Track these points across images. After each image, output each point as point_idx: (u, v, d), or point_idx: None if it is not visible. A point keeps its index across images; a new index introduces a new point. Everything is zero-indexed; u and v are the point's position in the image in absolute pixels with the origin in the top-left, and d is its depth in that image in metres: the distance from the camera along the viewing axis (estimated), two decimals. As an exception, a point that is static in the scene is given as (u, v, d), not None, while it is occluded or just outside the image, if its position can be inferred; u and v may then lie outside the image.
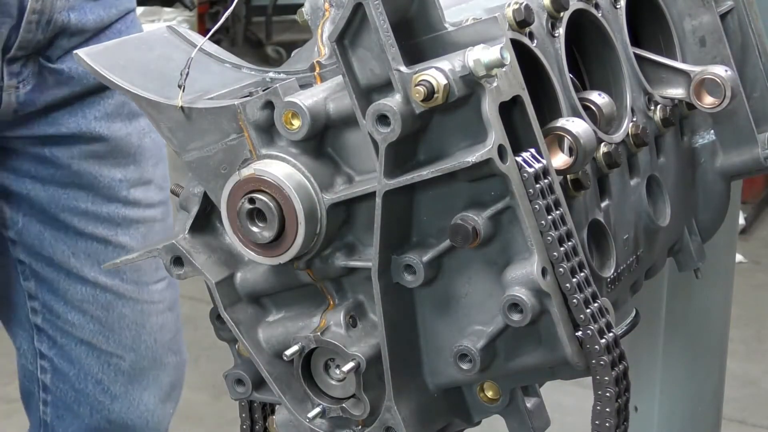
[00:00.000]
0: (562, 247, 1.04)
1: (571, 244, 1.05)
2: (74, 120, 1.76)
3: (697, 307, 1.84)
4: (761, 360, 3.70)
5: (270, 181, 1.08)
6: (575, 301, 1.04)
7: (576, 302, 1.04)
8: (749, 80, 1.37)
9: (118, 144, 1.80)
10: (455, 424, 1.17)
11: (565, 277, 1.04)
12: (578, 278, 1.05)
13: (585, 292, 1.05)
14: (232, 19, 7.18)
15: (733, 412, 3.28)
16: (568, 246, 1.05)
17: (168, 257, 1.19)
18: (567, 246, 1.05)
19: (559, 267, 1.04)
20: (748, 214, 4.66)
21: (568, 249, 1.05)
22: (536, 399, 1.16)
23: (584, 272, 1.06)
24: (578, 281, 1.05)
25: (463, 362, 1.08)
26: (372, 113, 1.02)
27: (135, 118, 1.81)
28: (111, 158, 1.80)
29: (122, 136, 1.81)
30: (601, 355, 1.05)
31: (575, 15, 1.22)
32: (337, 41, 1.03)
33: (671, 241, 1.38)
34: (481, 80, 1.00)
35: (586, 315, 1.04)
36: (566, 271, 1.04)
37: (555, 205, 1.05)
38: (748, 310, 3.83)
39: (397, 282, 1.08)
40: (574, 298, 1.04)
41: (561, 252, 1.04)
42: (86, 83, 1.74)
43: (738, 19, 1.37)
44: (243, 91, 1.18)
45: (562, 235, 1.05)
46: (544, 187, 1.04)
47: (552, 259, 1.04)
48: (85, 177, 1.79)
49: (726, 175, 1.39)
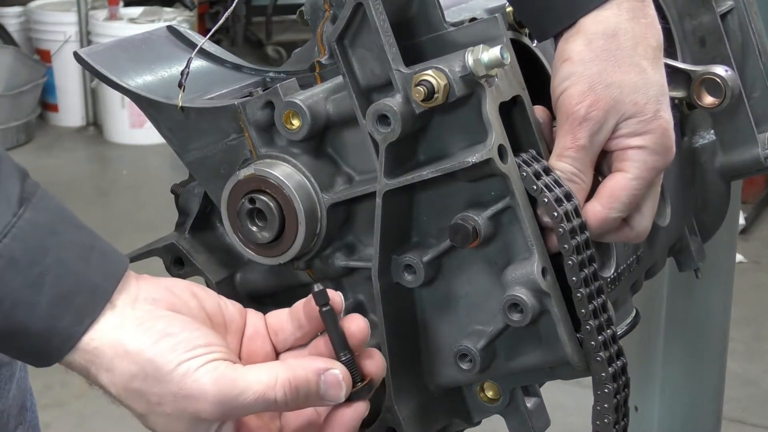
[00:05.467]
0: (573, 240, 1.04)
1: (584, 237, 1.05)
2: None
3: (697, 307, 1.84)
4: (761, 360, 3.70)
5: (270, 181, 1.08)
6: (579, 295, 1.04)
7: (580, 297, 1.04)
8: (749, 80, 1.37)
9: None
10: (455, 424, 1.17)
11: (573, 270, 1.03)
12: (586, 272, 1.05)
13: (591, 288, 1.05)
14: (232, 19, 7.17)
15: (733, 412, 3.28)
16: (580, 239, 1.05)
17: (168, 257, 1.19)
18: (579, 239, 1.05)
19: (568, 259, 1.03)
20: (748, 214, 4.66)
21: (580, 242, 1.05)
22: (536, 399, 1.16)
23: (593, 267, 1.06)
24: (586, 276, 1.04)
25: (464, 362, 1.08)
26: (372, 113, 1.02)
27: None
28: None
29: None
30: (598, 351, 1.05)
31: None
32: (337, 41, 1.03)
33: (671, 241, 1.38)
34: (481, 80, 1.00)
35: (587, 310, 1.04)
36: (575, 264, 1.03)
37: (566, 198, 1.04)
38: (748, 310, 3.83)
39: (397, 282, 1.08)
40: (579, 292, 1.04)
41: (572, 245, 1.03)
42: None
43: (738, 19, 1.37)
44: (243, 91, 1.18)
45: (575, 228, 1.04)
46: (549, 182, 1.04)
47: (563, 251, 1.04)
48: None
49: (726, 175, 1.39)
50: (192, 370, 0.91)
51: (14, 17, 6.31)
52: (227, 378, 0.91)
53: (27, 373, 1.33)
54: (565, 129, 1.07)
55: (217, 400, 0.91)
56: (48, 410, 3.27)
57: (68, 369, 0.94)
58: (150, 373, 0.91)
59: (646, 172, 1.09)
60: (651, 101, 1.08)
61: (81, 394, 3.49)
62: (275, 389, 0.92)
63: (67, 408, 3.44)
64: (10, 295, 0.88)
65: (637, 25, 1.08)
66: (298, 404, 0.94)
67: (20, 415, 1.31)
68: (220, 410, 0.91)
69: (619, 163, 1.09)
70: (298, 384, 0.93)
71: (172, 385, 0.91)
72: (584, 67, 1.07)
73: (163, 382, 0.91)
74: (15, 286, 0.89)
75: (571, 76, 1.07)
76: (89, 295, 0.91)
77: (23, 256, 0.89)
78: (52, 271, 0.90)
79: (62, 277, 0.90)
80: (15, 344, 0.91)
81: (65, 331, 0.90)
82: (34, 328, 0.89)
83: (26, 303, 0.89)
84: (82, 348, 0.91)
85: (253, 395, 0.91)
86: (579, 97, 1.06)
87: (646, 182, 1.09)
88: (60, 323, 0.90)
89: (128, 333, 0.92)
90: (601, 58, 1.07)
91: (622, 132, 1.08)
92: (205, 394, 0.90)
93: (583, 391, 1.31)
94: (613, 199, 1.08)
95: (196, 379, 0.90)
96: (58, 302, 0.90)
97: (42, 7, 6.28)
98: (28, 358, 0.93)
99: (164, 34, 1.25)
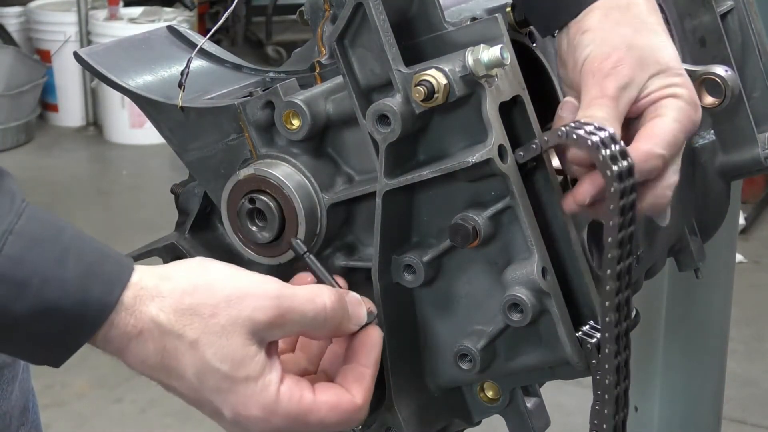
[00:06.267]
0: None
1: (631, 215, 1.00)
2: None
3: (697, 307, 1.84)
4: (761, 360, 3.70)
5: (270, 181, 1.08)
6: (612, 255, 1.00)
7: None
8: (749, 80, 1.37)
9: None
10: (455, 424, 1.17)
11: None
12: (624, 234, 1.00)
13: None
14: (232, 19, 7.18)
15: (733, 412, 3.28)
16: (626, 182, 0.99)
17: (168, 257, 1.19)
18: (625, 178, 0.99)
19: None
20: (748, 214, 4.66)
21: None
22: (536, 399, 1.16)
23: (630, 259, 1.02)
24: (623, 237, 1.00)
25: (464, 362, 1.08)
26: (372, 113, 1.02)
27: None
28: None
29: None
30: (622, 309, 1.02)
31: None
32: (337, 41, 1.03)
33: (671, 241, 1.38)
34: (481, 80, 1.00)
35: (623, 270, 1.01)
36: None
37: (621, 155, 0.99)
38: (748, 310, 3.83)
39: (398, 282, 1.08)
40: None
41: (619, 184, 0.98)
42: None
43: (738, 19, 1.37)
44: (243, 91, 1.18)
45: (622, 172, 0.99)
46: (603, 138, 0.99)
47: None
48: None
49: (726, 175, 1.39)
50: (244, 274, 0.94)
51: (14, 17, 6.31)
52: (279, 281, 0.95)
53: (29, 374, 1.33)
54: (591, 83, 1.07)
55: (274, 294, 0.93)
56: (48, 410, 3.27)
57: (104, 346, 0.92)
58: (200, 284, 0.92)
59: (683, 117, 1.07)
60: (674, 60, 1.09)
61: (81, 394, 3.49)
62: (323, 294, 0.96)
63: (67, 408, 3.44)
64: (38, 273, 0.88)
65: (648, 1, 1.11)
66: (336, 320, 0.98)
67: (23, 416, 1.31)
68: (276, 307, 0.93)
69: (655, 113, 1.07)
70: (340, 296, 0.98)
71: (226, 289, 0.92)
72: (604, 32, 1.08)
73: (215, 288, 0.92)
74: (42, 263, 0.88)
75: (592, 42, 1.08)
76: (116, 264, 0.91)
77: (43, 234, 0.89)
78: (73, 246, 0.90)
79: (84, 251, 0.90)
80: (46, 326, 0.89)
81: (99, 297, 0.89)
82: (66, 303, 0.88)
83: (55, 279, 0.88)
84: (125, 293, 0.90)
85: (305, 295, 0.95)
86: (603, 57, 1.07)
87: (684, 131, 1.07)
88: (92, 293, 0.89)
89: (169, 267, 0.94)
90: (620, 24, 1.08)
91: (651, 88, 1.07)
92: (262, 286, 0.93)
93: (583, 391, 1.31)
94: (655, 136, 1.05)
95: (250, 278, 0.93)
96: (86, 274, 0.89)
97: (42, 7, 6.28)
98: (57, 343, 0.91)
99: (164, 34, 1.25)
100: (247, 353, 0.92)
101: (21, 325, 0.88)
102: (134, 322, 0.91)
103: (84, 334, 0.90)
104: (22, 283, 0.87)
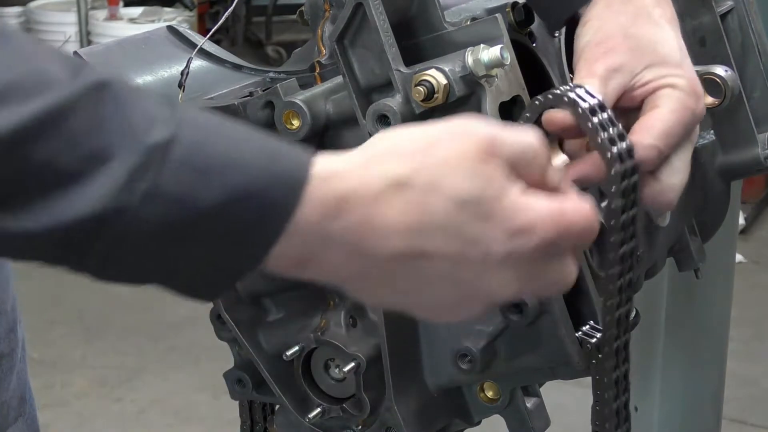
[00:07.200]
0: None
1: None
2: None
3: (697, 307, 1.84)
4: (761, 360, 3.70)
5: (270, 181, 1.08)
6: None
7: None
8: (749, 80, 1.37)
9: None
10: (455, 424, 1.17)
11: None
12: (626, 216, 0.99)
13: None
14: (232, 19, 7.17)
15: (733, 412, 3.27)
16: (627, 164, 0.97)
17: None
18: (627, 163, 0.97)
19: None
20: (748, 214, 4.66)
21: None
22: (536, 399, 1.16)
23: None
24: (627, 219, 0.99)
25: (464, 362, 1.08)
26: (372, 113, 1.02)
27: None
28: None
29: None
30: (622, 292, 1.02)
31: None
32: (337, 41, 1.03)
33: (671, 241, 1.38)
34: (481, 80, 1.00)
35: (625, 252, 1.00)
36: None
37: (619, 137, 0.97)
38: (748, 310, 3.82)
39: (397, 282, 1.08)
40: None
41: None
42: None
43: (738, 19, 1.37)
44: (243, 91, 1.18)
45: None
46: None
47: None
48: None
49: (726, 175, 1.39)
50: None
51: (14, 17, 6.30)
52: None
53: (26, 364, 1.33)
54: (581, 65, 1.07)
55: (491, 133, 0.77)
56: (48, 410, 3.27)
57: (307, 229, 0.74)
58: (395, 136, 0.78)
59: (680, 107, 1.05)
60: (674, 51, 1.08)
61: (81, 394, 3.49)
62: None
63: (67, 408, 3.44)
64: (217, 156, 0.73)
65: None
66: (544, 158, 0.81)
67: (20, 407, 1.31)
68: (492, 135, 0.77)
69: (652, 104, 1.06)
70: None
71: (428, 132, 0.78)
72: (602, 22, 1.08)
73: (416, 133, 0.78)
74: (219, 147, 0.73)
75: (589, 32, 1.09)
76: (296, 148, 0.76)
77: (208, 123, 0.75)
78: (242, 128, 0.76)
79: (254, 135, 0.76)
80: (234, 219, 0.73)
81: (289, 171, 0.74)
82: (253, 187, 0.73)
83: (236, 159, 0.73)
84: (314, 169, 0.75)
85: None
86: (596, 43, 1.07)
87: (681, 122, 1.04)
88: (279, 168, 0.74)
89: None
90: (620, 14, 1.09)
91: (648, 78, 1.06)
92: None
93: (583, 391, 1.31)
94: (648, 128, 1.03)
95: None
96: (266, 154, 0.74)
97: (42, 7, 6.28)
98: (245, 243, 0.74)
99: (164, 34, 1.25)
100: (485, 172, 0.76)
101: (207, 218, 0.73)
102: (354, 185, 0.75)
103: (282, 218, 0.74)
104: (204, 170, 0.72)
